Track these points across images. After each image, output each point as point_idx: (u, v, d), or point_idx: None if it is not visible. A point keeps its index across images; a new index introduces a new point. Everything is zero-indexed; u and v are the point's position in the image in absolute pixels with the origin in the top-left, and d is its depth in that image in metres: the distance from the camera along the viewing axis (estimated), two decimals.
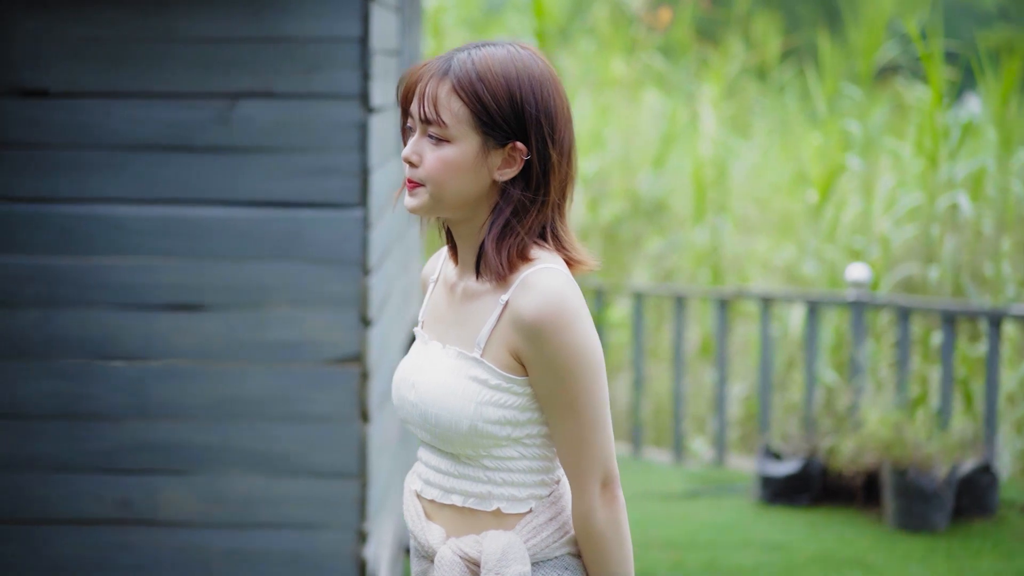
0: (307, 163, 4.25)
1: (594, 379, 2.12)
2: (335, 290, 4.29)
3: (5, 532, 4.41)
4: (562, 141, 2.16)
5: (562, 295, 2.10)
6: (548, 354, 2.10)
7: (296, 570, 4.39)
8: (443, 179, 2.15)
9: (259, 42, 4.22)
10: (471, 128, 2.12)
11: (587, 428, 2.13)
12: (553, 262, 2.17)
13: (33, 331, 4.34)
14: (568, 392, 2.11)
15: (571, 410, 2.12)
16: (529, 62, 2.16)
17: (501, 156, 2.15)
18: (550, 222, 2.19)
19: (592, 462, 2.14)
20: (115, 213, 4.30)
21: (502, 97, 2.12)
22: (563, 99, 2.18)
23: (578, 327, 2.10)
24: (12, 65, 4.27)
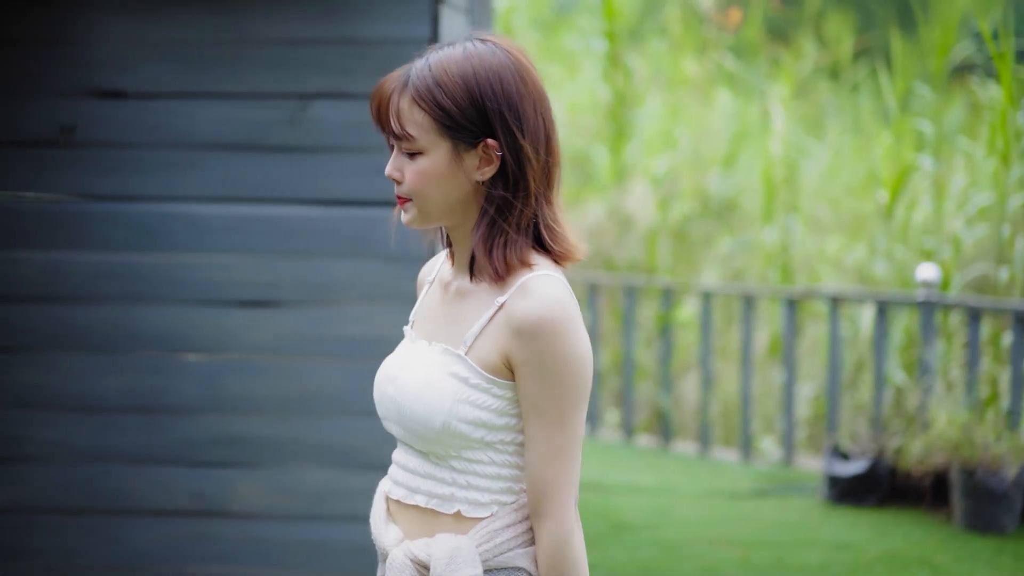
0: (377, 162, 4.33)
1: (582, 392, 2.09)
2: (404, 287, 4.36)
3: (83, 523, 4.53)
4: (534, 128, 2.11)
5: (563, 303, 2.07)
6: (543, 359, 2.06)
7: (364, 562, 4.46)
8: (423, 191, 2.13)
9: (331, 44, 4.31)
10: (438, 135, 2.10)
11: (569, 440, 2.08)
12: (552, 270, 2.12)
13: (112, 326, 4.45)
14: (556, 401, 2.07)
15: (556, 421, 2.07)
16: (486, 55, 2.11)
17: (476, 157, 2.11)
18: (540, 214, 2.13)
19: (570, 479, 2.09)
20: (191, 211, 4.41)
21: (461, 98, 2.09)
22: (530, 84, 2.12)
23: (575, 337, 2.07)
24: (93, 67, 4.39)
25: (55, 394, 4.51)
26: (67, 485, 4.54)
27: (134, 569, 4.54)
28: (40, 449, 4.53)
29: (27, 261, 4.47)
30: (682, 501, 7.22)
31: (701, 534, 6.51)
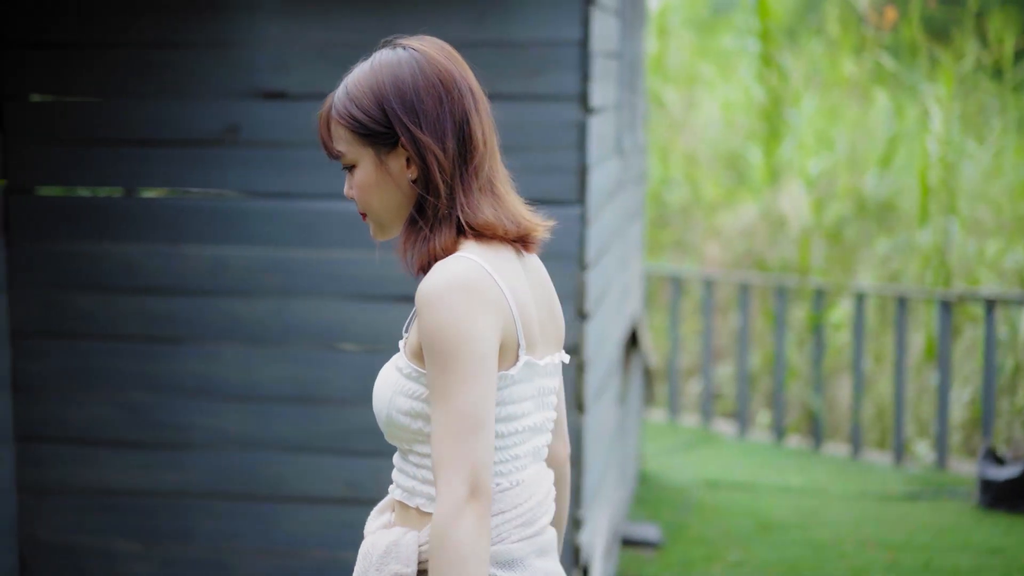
0: (528, 162, 4.41)
1: (471, 371, 1.98)
2: (554, 284, 4.43)
3: (242, 508, 4.69)
4: (435, 121, 2.11)
5: (445, 276, 2.02)
6: (428, 331, 2.00)
7: None
8: (367, 202, 2.16)
9: (483, 46, 4.40)
10: (360, 146, 2.14)
11: (457, 421, 1.97)
12: (473, 252, 2.08)
13: (272, 319, 4.62)
14: (443, 377, 1.99)
15: (442, 397, 1.98)
16: (389, 59, 2.14)
17: (400, 159, 2.12)
18: (459, 203, 2.11)
19: (458, 460, 1.96)
20: (348, 209, 4.54)
21: (368, 105, 2.12)
22: (433, 78, 2.12)
23: (457, 312, 1.99)
24: (256, 69, 4.55)
25: (219, 384, 4.69)
26: (228, 471, 4.71)
27: (289, 554, 4.69)
28: (204, 436, 4.71)
29: (194, 256, 4.66)
30: (832, 502, 7.18)
31: (850, 535, 6.48)
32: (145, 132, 4.65)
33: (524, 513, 2.11)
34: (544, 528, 2.16)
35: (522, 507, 2.11)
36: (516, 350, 2.07)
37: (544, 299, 2.21)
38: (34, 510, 4.82)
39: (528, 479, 2.13)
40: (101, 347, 4.75)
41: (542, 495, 2.15)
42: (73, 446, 4.78)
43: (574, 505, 4.51)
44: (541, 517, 2.14)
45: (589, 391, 4.58)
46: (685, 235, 11.67)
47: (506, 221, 2.12)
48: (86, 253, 4.72)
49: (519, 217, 2.15)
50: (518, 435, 2.11)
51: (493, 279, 2.04)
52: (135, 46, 4.62)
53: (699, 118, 12.37)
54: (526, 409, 2.12)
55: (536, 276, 2.22)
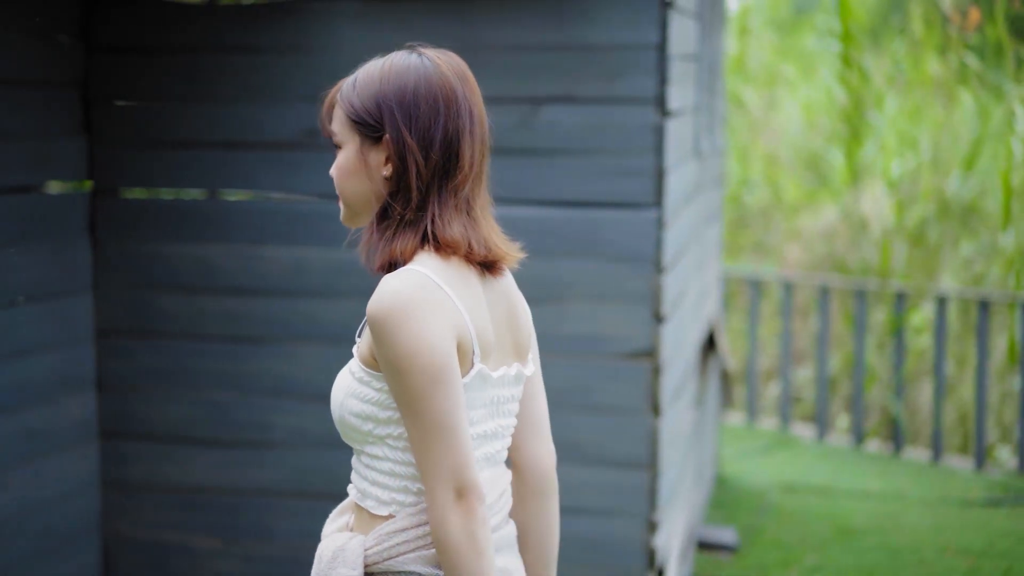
0: (605, 165, 4.43)
1: (430, 383, 2.04)
2: (630, 287, 4.46)
3: (320, 507, 4.71)
4: (426, 128, 2.14)
5: (396, 295, 2.06)
6: (383, 352, 2.06)
7: (589, 554, 4.57)
8: (340, 185, 2.22)
9: (562, 49, 4.42)
10: (350, 131, 2.19)
11: (429, 431, 2.04)
12: (425, 264, 2.13)
13: (351, 320, 4.66)
14: (405, 392, 2.05)
15: (410, 411, 2.05)
16: (401, 60, 2.18)
17: (381, 154, 2.16)
18: (431, 212, 2.15)
19: (437, 467, 2.04)
20: None
21: (368, 96, 2.16)
22: (438, 89, 2.16)
23: (407, 328, 2.03)
24: (333, 74, 4.58)
25: (299, 383, 4.75)
26: (308, 470, 4.77)
27: None
28: (284, 436, 4.77)
29: (273, 257, 4.72)
30: (911, 508, 7.12)
31: (929, 541, 6.42)
32: (226, 135, 4.71)
33: None
34: (495, 527, 2.22)
35: None
36: (471, 358, 2.11)
37: (506, 314, 2.25)
38: (118, 506, 4.91)
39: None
40: (183, 346, 4.83)
41: (494, 497, 2.22)
42: (156, 444, 4.87)
43: (650, 508, 4.51)
44: (490, 518, 2.20)
45: (665, 394, 4.58)
46: (765, 237, 11.61)
47: (474, 242, 2.15)
48: (169, 254, 4.80)
49: (489, 242, 2.19)
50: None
51: (443, 290, 2.08)
52: (217, 51, 4.69)
53: (780, 119, 12.30)
54: (479, 416, 2.17)
55: (500, 293, 2.25)
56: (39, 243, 4.59)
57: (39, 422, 4.58)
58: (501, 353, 2.21)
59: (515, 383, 2.24)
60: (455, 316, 2.08)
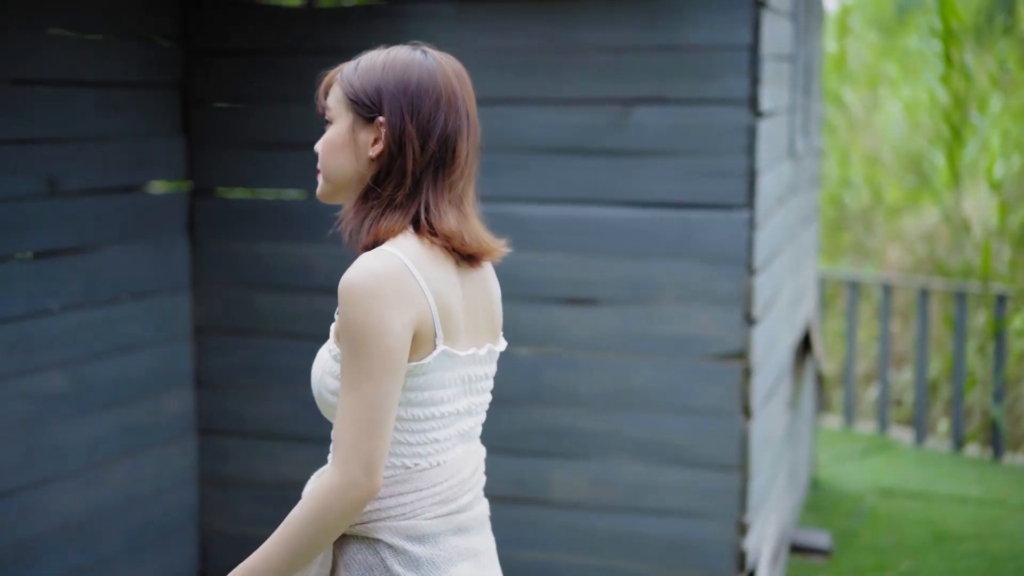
0: (697, 166, 4.42)
1: (378, 365, 2.09)
2: (721, 288, 4.45)
3: None
4: (428, 119, 2.21)
5: (364, 272, 2.10)
6: (343, 324, 2.11)
7: (678, 556, 4.56)
8: (325, 159, 2.28)
9: (654, 50, 4.42)
10: (345, 108, 2.25)
11: (359, 412, 2.09)
12: (397, 247, 2.18)
13: None
14: (349, 365, 2.10)
15: (350, 385, 2.10)
16: (406, 54, 2.26)
17: (371, 134, 2.23)
18: (423, 200, 2.22)
19: (356, 445, 2.09)
20: (520, 212, 4.61)
21: (368, 78, 2.24)
22: (442, 85, 2.23)
23: (365, 306, 2.08)
24: None
25: None
26: None
27: None
28: None
29: None
30: (1011, 514, 7.01)
31: None
32: (318, 136, 4.75)
33: (442, 492, 2.24)
34: (467, 506, 2.29)
35: (441, 486, 2.24)
36: (433, 340, 2.17)
37: (484, 299, 2.32)
38: (214, 501, 4.99)
39: (452, 460, 2.27)
40: (278, 344, 4.90)
41: (466, 474, 2.29)
42: (251, 440, 4.94)
43: (740, 510, 4.50)
44: (463, 495, 2.28)
45: (756, 396, 4.56)
46: (865, 239, 11.48)
47: (466, 235, 2.23)
48: (265, 253, 4.87)
49: (478, 236, 2.26)
50: (438, 419, 2.23)
51: (411, 274, 2.14)
52: (313, 53, 4.76)
53: (882, 119, 12.16)
54: (448, 395, 2.23)
55: (479, 280, 2.32)
56: (140, 242, 4.69)
57: (138, 418, 4.68)
58: (475, 334, 2.28)
59: (487, 361, 2.32)
60: (420, 303, 2.14)
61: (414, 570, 2.20)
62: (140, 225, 4.69)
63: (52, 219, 4.29)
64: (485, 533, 2.35)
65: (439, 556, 2.22)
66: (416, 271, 2.14)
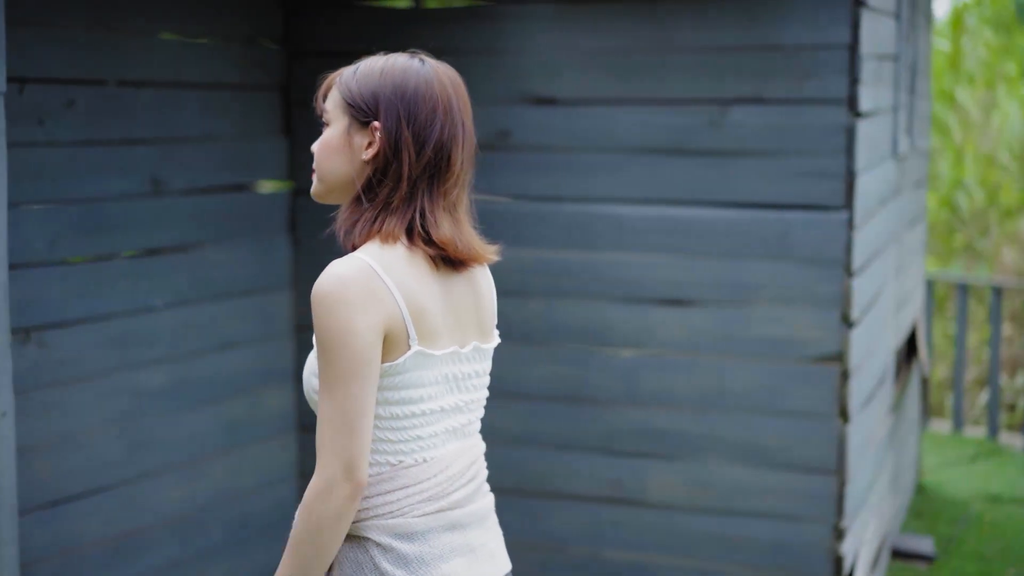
0: (794, 166, 4.39)
1: (349, 369, 2.14)
2: (819, 290, 4.41)
3: (508, 502, 4.81)
4: (424, 126, 2.25)
5: (331, 278, 2.16)
6: (316, 331, 2.17)
7: (774, 559, 4.53)
8: (320, 160, 2.33)
9: (751, 50, 4.40)
10: (342, 111, 2.30)
11: (335, 414, 2.14)
12: (365, 252, 2.22)
13: (538, 319, 4.72)
14: (324, 371, 2.16)
15: (325, 388, 2.16)
16: (404, 61, 2.30)
17: (366, 137, 2.27)
18: (418, 206, 2.26)
19: (335, 446, 2.14)
20: (615, 212, 4.61)
21: (366, 83, 2.28)
22: (439, 93, 2.27)
23: (336, 312, 2.14)
24: (526, 75, 4.66)
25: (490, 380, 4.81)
26: (497, 466, 4.83)
27: (554, 549, 4.78)
28: None
29: None
30: None
31: None
32: None
33: (430, 488, 2.28)
34: (460, 502, 2.33)
35: (428, 482, 2.28)
36: (407, 341, 2.21)
37: (470, 299, 2.35)
38: None
39: (440, 456, 2.30)
40: None
41: (457, 469, 2.32)
42: None
43: (837, 514, 4.46)
44: (454, 491, 2.31)
45: (854, 400, 4.51)
46: (978, 241, 11.28)
47: (459, 242, 2.27)
48: None
49: (470, 243, 2.30)
50: (420, 417, 2.27)
51: (379, 277, 2.18)
52: None
53: (999, 119, 11.93)
54: (429, 393, 2.27)
55: (464, 281, 2.34)
56: (242, 241, 4.77)
57: (239, 414, 4.76)
58: (458, 333, 2.31)
59: (474, 359, 2.35)
60: (388, 305, 2.19)
61: (403, 567, 2.25)
62: (242, 224, 4.77)
63: (156, 218, 4.38)
64: (485, 527, 2.39)
65: (428, 553, 2.26)
66: (384, 274, 2.20)
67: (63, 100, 4.03)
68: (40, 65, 3.96)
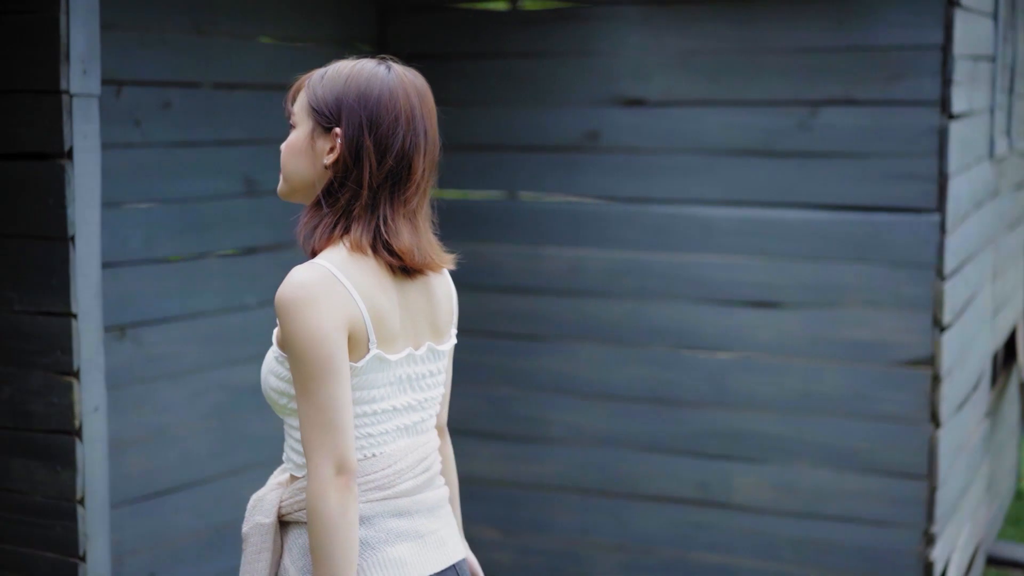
0: (885, 168, 4.35)
1: (320, 369, 2.20)
2: (909, 293, 4.36)
3: (596, 503, 4.83)
4: (386, 134, 2.28)
5: (293, 285, 2.21)
6: (284, 336, 2.22)
7: (861, 564, 4.50)
8: (284, 161, 2.35)
9: (842, 51, 4.37)
10: (306, 115, 2.33)
11: (315, 410, 2.21)
12: (325, 258, 2.26)
13: (626, 320, 4.73)
14: (299, 375, 2.22)
15: (302, 391, 2.22)
16: (370, 68, 2.32)
17: (328, 143, 2.30)
18: (379, 214, 2.29)
19: (322, 446, 2.21)
20: (703, 213, 4.60)
21: (330, 88, 2.30)
22: (402, 101, 2.30)
23: (301, 317, 2.19)
24: (616, 77, 4.67)
25: (576, 381, 4.84)
26: (584, 466, 4.86)
27: (640, 551, 4.79)
28: (562, 431, 4.88)
29: (554, 257, 4.82)
30: None
31: None
32: (512, 138, 4.85)
33: (378, 479, 2.34)
34: (408, 491, 2.39)
35: (377, 474, 2.34)
36: (366, 344, 2.27)
37: (424, 303, 2.39)
38: None
39: (390, 452, 2.36)
40: (469, 342, 4.98)
41: (407, 463, 2.38)
42: None
43: (928, 520, 4.41)
44: (401, 483, 2.37)
45: (945, 404, 4.46)
46: None
47: (416, 252, 2.31)
48: (459, 253, 4.96)
49: (427, 251, 2.34)
50: (371, 416, 2.33)
51: (339, 281, 2.24)
52: (504, 56, 4.83)
53: None
54: (382, 394, 2.33)
55: (418, 286, 2.39)
56: None
57: None
58: (413, 335, 2.37)
59: (429, 360, 2.41)
60: (350, 308, 2.24)
61: None
62: None
63: (250, 218, 4.46)
64: (436, 516, 2.45)
65: (373, 537, 2.33)
66: (344, 279, 2.24)
67: (159, 102, 4.12)
68: (137, 68, 4.05)
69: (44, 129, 3.26)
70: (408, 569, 2.34)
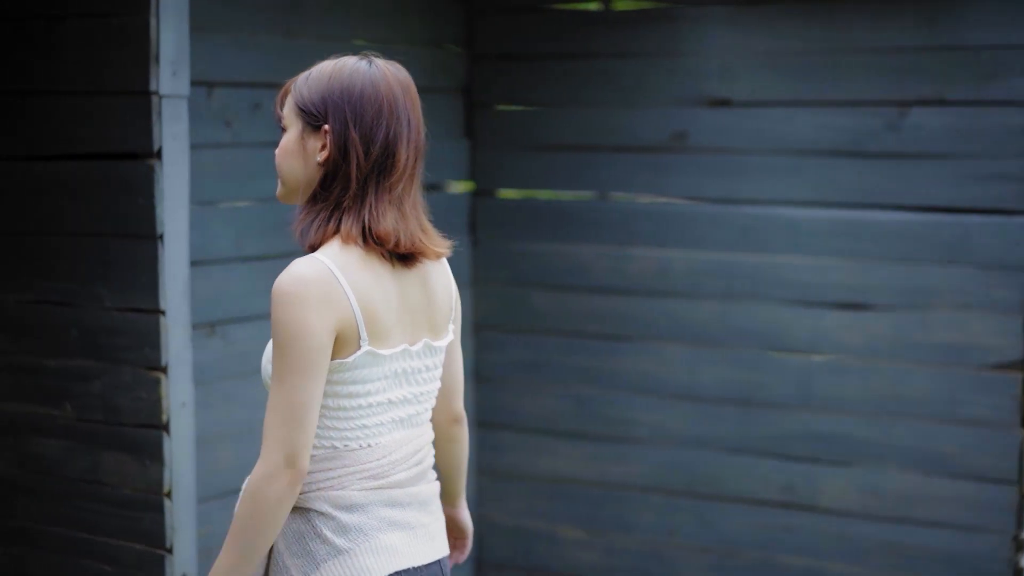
0: (976, 169, 4.29)
1: (299, 364, 2.25)
2: (1000, 296, 4.31)
3: (681, 504, 4.82)
4: (370, 128, 2.34)
5: (291, 278, 2.26)
6: (273, 324, 2.28)
7: (949, 570, 4.44)
8: (280, 163, 2.42)
9: (932, 51, 4.32)
10: (296, 116, 2.40)
11: (283, 405, 2.26)
12: (325, 254, 2.31)
13: (712, 321, 4.72)
14: (277, 363, 2.28)
15: (277, 380, 2.28)
16: (352, 65, 2.39)
17: (318, 141, 2.36)
18: (368, 206, 2.34)
19: (280, 435, 2.26)
20: (790, 214, 4.58)
21: (315, 88, 2.37)
22: (385, 95, 2.35)
23: (292, 310, 2.25)
24: (703, 77, 4.67)
25: (662, 382, 4.83)
26: (669, 467, 4.85)
27: (725, 553, 4.77)
28: (647, 432, 4.87)
29: (641, 257, 4.82)
30: None
31: None
32: (599, 138, 4.86)
33: (371, 468, 2.39)
34: (401, 483, 2.43)
35: (370, 464, 2.39)
36: (358, 341, 2.32)
37: (422, 297, 2.44)
38: (490, 493, 5.15)
39: (385, 443, 2.41)
40: (553, 342, 5.01)
41: (401, 455, 2.43)
42: (526, 434, 5.07)
43: (1017, 526, 4.35)
44: (395, 473, 2.42)
45: None
46: None
47: (402, 236, 2.35)
48: (543, 252, 4.99)
49: (414, 237, 2.38)
50: (366, 408, 2.38)
51: (337, 280, 2.29)
52: (592, 56, 4.84)
53: None
54: (377, 387, 2.38)
55: (415, 279, 2.43)
56: None
57: None
58: (410, 330, 2.41)
59: (425, 355, 2.45)
60: (343, 308, 2.29)
61: (342, 535, 2.37)
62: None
63: None
64: (428, 511, 2.50)
65: (367, 524, 2.38)
66: (342, 277, 2.29)
67: (249, 103, 4.19)
68: (229, 70, 4.12)
69: (134, 130, 3.34)
70: (400, 558, 2.39)
